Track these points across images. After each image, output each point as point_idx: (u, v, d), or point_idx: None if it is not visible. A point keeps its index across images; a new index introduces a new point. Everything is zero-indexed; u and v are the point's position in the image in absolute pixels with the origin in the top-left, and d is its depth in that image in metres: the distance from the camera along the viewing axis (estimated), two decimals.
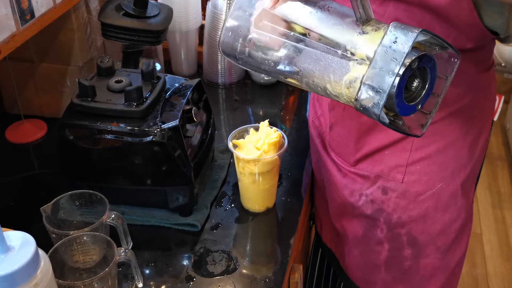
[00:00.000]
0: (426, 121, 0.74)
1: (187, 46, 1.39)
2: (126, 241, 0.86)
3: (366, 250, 1.03)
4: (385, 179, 0.96)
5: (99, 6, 1.20)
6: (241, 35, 0.79)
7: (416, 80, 0.70)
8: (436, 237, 0.97)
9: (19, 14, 0.87)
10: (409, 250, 0.99)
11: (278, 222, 1.00)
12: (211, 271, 0.88)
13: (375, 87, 0.66)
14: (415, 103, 0.70)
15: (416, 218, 0.96)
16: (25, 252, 0.60)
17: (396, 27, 0.66)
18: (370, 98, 0.67)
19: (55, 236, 0.80)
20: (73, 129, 0.91)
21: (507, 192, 2.56)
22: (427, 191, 0.95)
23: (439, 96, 0.73)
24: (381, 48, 0.66)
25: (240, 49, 0.80)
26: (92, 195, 0.85)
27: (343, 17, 0.72)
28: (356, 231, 1.03)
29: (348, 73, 0.69)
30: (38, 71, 1.19)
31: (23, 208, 1.00)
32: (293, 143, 1.19)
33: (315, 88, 0.75)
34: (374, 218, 0.99)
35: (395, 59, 0.65)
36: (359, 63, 0.68)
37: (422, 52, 0.67)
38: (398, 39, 0.65)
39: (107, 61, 0.98)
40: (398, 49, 0.65)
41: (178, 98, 0.97)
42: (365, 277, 1.06)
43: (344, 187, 1.02)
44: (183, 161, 0.91)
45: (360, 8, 0.69)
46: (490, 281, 2.13)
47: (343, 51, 0.70)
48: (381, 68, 0.65)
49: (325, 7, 0.74)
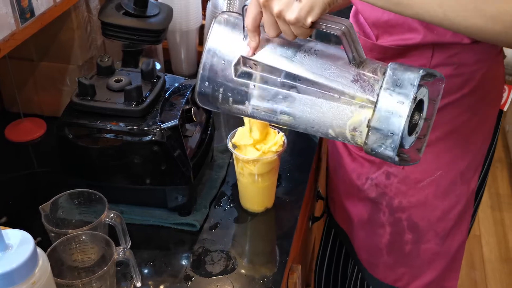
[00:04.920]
0: (421, 145, 0.73)
1: (187, 46, 1.39)
2: (125, 240, 0.85)
3: (370, 233, 1.07)
4: (388, 164, 0.98)
5: (99, 5, 1.20)
6: (220, 84, 0.73)
7: (416, 113, 0.69)
8: (436, 223, 1.00)
9: (19, 12, 0.87)
10: (409, 235, 1.02)
11: (277, 222, 1.00)
12: (209, 270, 0.88)
13: (384, 130, 0.65)
14: (414, 133, 0.70)
15: (416, 204, 0.99)
16: (24, 251, 0.60)
17: (396, 69, 0.65)
18: (380, 142, 0.65)
19: (54, 235, 0.80)
20: (72, 128, 0.91)
21: (506, 194, 2.56)
22: (426, 178, 0.97)
23: (430, 119, 0.73)
24: (384, 91, 0.64)
25: (222, 98, 0.74)
26: (91, 194, 0.85)
27: (334, 60, 0.70)
28: (361, 213, 1.07)
29: (352, 118, 0.68)
30: (38, 69, 1.19)
31: (22, 207, 1.00)
32: (292, 143, 1.18)
33: (315, 133, 0.72)
34: (377, 201, 1.02)
35: (402, 102, 0.63)
36: (361, 106, 0.67)
37: (420, 87, 0.66)
38: (400, 81, 0.64)
39: (107, 60, 0.98)
40: (403, 92, 0.63)
41: (177, 97, 0.97)
42: (369, 259, 1.10)
43: (352, 171, 1.06)
44: (182, 160, 0.91)
45: (354, 51, 0.67)
46: (489, 283, 2.13)
47: (341, 95, 0.68)
48: (387, 111, 0.64)
49: (311, 50, 0.71)
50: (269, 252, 0.94)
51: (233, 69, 0.72)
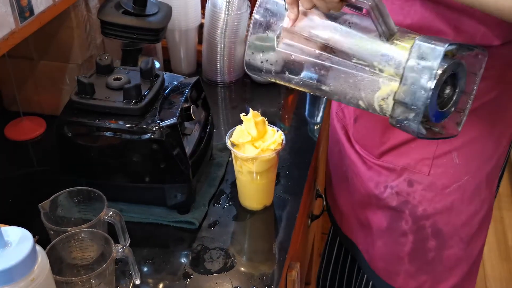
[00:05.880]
0: (461, 119, 0.73)
1: (186, 45, 1.39)
2: (124, 238, 0.86)
3: (390, 242, 1.04)
4: (411, 171, 0.97)
5: (98, 4, 1.20)
6: (265, 55, 0.78)
7: (448, 87, 0.69)
8: (460, 228, 0.98)
9: (19, 11, 0.87)
10: (433, 242, 0.99)
11: (276, 220, 1.00)
12: (208, 268, 0.88)
13: (409, 104, 0.65)
14: (449, 107, 0.70)
15: (441, 210, 0.97)
16: (23, 248, 0.60)
17: (422, 42, 0.65)
18: (404, 115, 0.66)
19: (53, 233, 0.80)
20: (71, 127, 0.91)
21: (505, 193, 2.56)
22: (453, 183, 0.95)
23: (470, 93, 0.73)
24: (409, 65, 0.65)
25: (266, 68, 0.79)
26: (91, 192, 0.85)
27: (366, 32, 0.71)
28: (380, 222, 1.04)
29: (379, 90, 0.68)
30: (38, 68, 1.19)
31: (22, 205, 1.00)
32: (291, 141, 1.19)
33: (348, 103, 0.74)
34: (399, 210, 1.00)
35: (425, 76, 0.64)
36: (389, 79, 0.67)
37: (451, 60, 0.66)
38: (426, 55, 0.64)
39: (106, 59, 0.98)
40: (427, 65, 0.64)
41: (176, 96, 0.97)
42: (388, 268, 1.07)
43: (369, 179, 1.03)
44: (181, 158, 0.91)
45: (383, 25, 0.68)
46: (488, 281, 2.13)
47: (371, 68, 0.69)
48: (412, 85, 0.65)
49: (346, 22, 0.73)
50: (267, 250, 0.94)
51: (275, 39, 0.76)
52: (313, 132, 1.24)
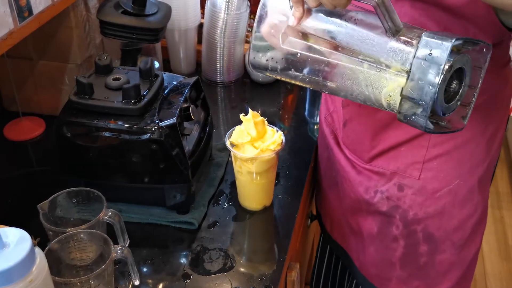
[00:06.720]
0: (466, 113, 0.74)
1: (186, 45, 1.39)
2: (123, 239, 0.86)
3: (381, 247, 1.03)
4: (401, 176, 0.96)
5: (97, 3, 1.20)
6: (270, 53, 0.78)
7: (454, 82, 0.70)
8: (452, 232, 0.97)
9: (17, 11, 0.87)
10: (425, 247, 0.98)
11: (275, 220, 1.00)
12: (208, 269, 0.88)
13: (416, 99, 0.66)
14: (455, 101, 0.70)
15: (432, 214, 0.96)
16: (21, 249, 0.60)
17: (429, 37, 0.65)
18: (412, 110, 0.67)
19: (52, 233, 0.80)
20: (70, 127, 0.91)
21: (505, 192, 2.56)
22: (444, 187, 0.94)
23: (475, 87, 0.73)
24: (416, 60, 0.66)
25: (271, 66, 0.79)
26: (89, 193, 0.85)
27: (372, 28, 0.71)
28: (371, 228, 1.03)
29: (387, 86, 0.69)
30: (37, 68, 1.19)
31: (21, 205, 1.00)
32: (290, 141, 1.19)
33: (354, 100, 0.75)
34: (390, 215, 0.99)
35: (432, 71, 0.64)
36: (396, 75, 0.68)
37: (457, 55, 0.66)
38: (432, 51, 0.65)
39: (105, 59, 0.98)
40: (434, 61, 0.64)
41: (176, 96, 0.97)
42: (379, 274, 1.06)
43: (359, 184, 1.02)
44: (180, 159, 0.91)
45: (389, 21, 0.68)
46: (488, 280, 2.13)
47: (377, 64, 0.69)
48: (419, 80, 0.65)
49: (351, 19, 0.73)
50: (267, 250, 0.94)
51: (280, 37, 0.76)
52: (312, 132, 1.24)
